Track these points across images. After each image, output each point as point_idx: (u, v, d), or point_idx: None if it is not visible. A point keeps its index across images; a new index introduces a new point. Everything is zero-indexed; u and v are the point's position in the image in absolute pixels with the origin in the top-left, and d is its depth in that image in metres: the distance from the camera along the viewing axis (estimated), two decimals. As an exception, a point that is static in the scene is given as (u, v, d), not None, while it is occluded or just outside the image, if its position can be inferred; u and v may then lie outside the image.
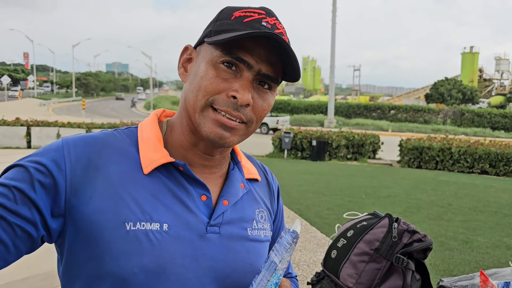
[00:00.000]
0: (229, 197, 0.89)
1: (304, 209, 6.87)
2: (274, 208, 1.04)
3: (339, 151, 14.32)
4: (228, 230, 0.87)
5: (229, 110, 0.80)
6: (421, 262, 1.22)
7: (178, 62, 0.90)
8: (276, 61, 0.81)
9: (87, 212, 0.77)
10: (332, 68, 30.86)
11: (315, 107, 41.52)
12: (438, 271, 4.40)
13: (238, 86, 0.79)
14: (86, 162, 0.79)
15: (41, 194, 0.74)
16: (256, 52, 0.79)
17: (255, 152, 14.97)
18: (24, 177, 0.75)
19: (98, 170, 0.79)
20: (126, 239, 0.76)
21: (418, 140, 13.79)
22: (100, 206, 0.77)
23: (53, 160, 0.77)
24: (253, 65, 0.79)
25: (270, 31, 0.76)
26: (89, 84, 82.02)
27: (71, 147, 0.80)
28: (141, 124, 0.91)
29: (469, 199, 8.24)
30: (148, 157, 0.83)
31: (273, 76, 0.82)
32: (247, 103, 0.79)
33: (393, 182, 9.90)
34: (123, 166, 0.81)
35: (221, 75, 0.80)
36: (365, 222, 1.24)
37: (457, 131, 31.04)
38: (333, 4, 30.21)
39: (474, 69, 71.54)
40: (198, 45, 0.87)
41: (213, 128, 0.80)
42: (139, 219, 0.78)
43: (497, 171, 12.33)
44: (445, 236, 5.66)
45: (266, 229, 0.96)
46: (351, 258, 1.18)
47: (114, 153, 0.83)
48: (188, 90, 0.83)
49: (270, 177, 1.07)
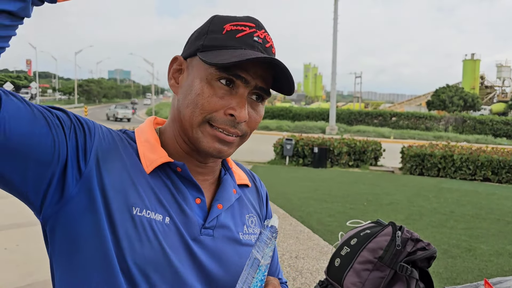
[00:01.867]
0: (223, 201, 0.91)
1: (306, 216, 6.86)
2: (263, 213, 1.06)
3: (341, 158, 14.30)
4: (221, 233, 0.89)
5: (226, 128, 0.82)
6: (425, 270, 1.21)
7: (167, 72, 0.91)
8: (269, 74, 0.84)
9: (103, 186, 0.78)
10: (334, 75, 30.92)
11: (317, 114, 41.52)
12: (441, 279, 4.38)
13: (235, 104, 0.81)
14: (109, 144, 0.83)
15: (73, 142, 0.77)
16: (252, 68, 0.81)
17: (256, 159, 14.96)
18: (65, 118, 0.77)
19: (117, 154, 0.83)
20: (131, 223, 0.78)
21: (420, 147, 13.77)
22: (115, 185, 0.79)
23: (88, 125, 0.81)
24: (249, 81, 0.82)
25: (270, 56, 0.79)
26: (91, 90, 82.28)
27: (101, 127, 0.85)
28: (137, 129, 0.93)
29: (471, 206, 8.21)
30: (148, 157, 0.86)
31: (267, 88, 0.85)
32: (244, 120, 0.82)
33: (395, 189, 9.88)
34: (133, 160, 0.84)
35: (217, 93, 0.81)
36: (369, 230, 1.24)
37: (459, 138, 30.97)
38: (334, 12, 30.34)
39: (476, 76, 71.54)
40: (188, 56, 0.87)
41: (211, 143, 0.83)
42: (146, 207, 0.80)
43: (499, 178, 12.29)
44: (447, 244, 5.64)
45: (256, 234, 0.98)
46: (354, 267, 1.18)
47: (126, 148, 0.86)
48: (182, 105, 0.85)
49: (258, 183, 1.10)
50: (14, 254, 4.44)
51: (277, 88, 0.87)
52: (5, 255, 4.49)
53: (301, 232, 5.85)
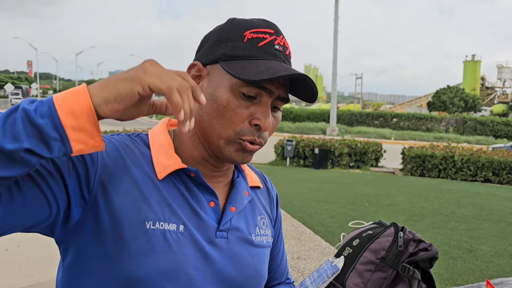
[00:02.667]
0: (236, 204, 0.92)
1: (307, 217, 6.86)
2: (274, 215, 1.08)
3: (342, 159, 14.29)
4: (235, 236, 0.90)
5: (254, 138, 0.84)
6: (427, 271, 1.22)
7: None
8: (288, 84, 0.86)
9: (112, 208, 0.78)
10: (334, 76, 30.92)
11: (317, 115, 41.52)
12: (442, 280, 4.38)
13: (260, 114, 0.82)
14: (115, 162, 0.82)
15: (74, 177, 0.75)
16: (276, 80, 0.82)
17: (257, 160, 14.95)
18: (63, 157, 0.74)
19: (125, 170, 0.82)
20: (145, 238, 0.78)
21: (421, 148, 13.76)
22: (124, 204, 0.79)
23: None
24: (274, 91, 0.83)
25: (300, 73, 0.80)
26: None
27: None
28: (151, 131, 0.93)
29: (472, 207, 8.21)
30: (162, 163, 0.85)
31: (287, 97, 0.87)
32: (268, 129, 0.83)
33: (395, 191, 9.87)
34: (143, 170, 0.84)
35: (243, 105, 0.82)
36: (371, 231, 1.24)
37: (460, 139, 30.96)
38: (335, 13, 30.35)
39: (476, 77, 71.53)
40: (208, 63, 0.86)
41: (237, 153, 0.85)
42: (159, 219, 0.80)
43: (500, 179, 12.28)
44: (448, 245, 5.63)
45: (268, 235, 0.99)
46: (357, 267, 1.18)
47: (136, 157, 0.85)
48: (207, 113, 0.84)
49: (269, 185, 1.11)
50: (15, 255, 4.44)
51: (299, 95, 0.88)
52: (6, 256, 4.49)
53: (302, 233, 5.85)
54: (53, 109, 0.60)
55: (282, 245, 1.13)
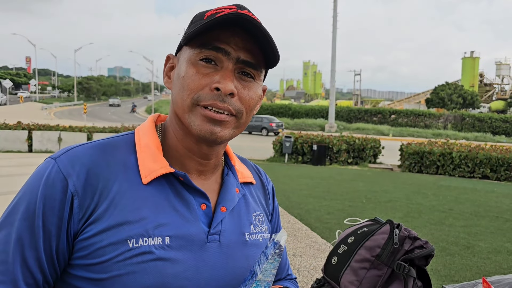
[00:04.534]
0: (226, 203, 0.89)
1: (305, 213, 6.85)
2: (270, 209, 1.04)
3: (340, 155, 14.30)
4: (227, 237, 0.87)
5: (215, 103, 0.79)
6: (422, 268, 1.20)
7: (162, 72, 0.90)
8: (255, 49, 0.81)
9: (93, 238, 0.76)
10: (333, 72, 30.91)
11: (316, 112, 41.52)
12: (440, 277, 4.38)
13: (220, 77, 0.79)
14: (87, 190, 0.78)
15: (48, 233, 0.76)
16: (232, 40, 0.79)
17: (256, 156, 14.95)
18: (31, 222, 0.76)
19: (100, 195, 0.78)
20: (129, 258, 0.75)
21: (419, 145, 13.78)
22: (104, 229, 0.76)
23: (60, 191, 0.77)
24: (230, 52, 0.79)
25: (236, 12, 0.76)
26: (91, 88, 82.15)
27: (72, 174, 0.78)
28: (138, 129, 0.89)
29: (470, 204, 8.22)
30: (148, 166, 0.82)
31: (254, 62, 0.81)
32: (231, 92, 0.79)
33: (393, 187, 9.88)
34: (123, 183, 0.80)
35: (201, 71, 0.80)
36: (366, 228, 1.23)
37: (458, 136, 31.01)
38: (333, 9, 30.30)
39: (475, 74, 71.57)
40: (178, 51, 0.87)
41: (203, 125, 0.80)
42: (141, 235, 0.77)
43: (498, 176, 12.31)
44: (446, 241, 5.64)
45: (264, 232, 0.96)
46: (352, 265, 1.17)
47: (113, 170, 0.81)
48: (174, 94, 0.84)
49: (264, 178, 1.07)
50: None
51: (269, 61, 0.84)
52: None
53: (299, 230, 5.84)
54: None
55: None
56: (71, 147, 0.82)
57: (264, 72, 0.87)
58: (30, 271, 0.75)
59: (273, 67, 0.85)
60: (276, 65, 0.85)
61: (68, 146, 0.83)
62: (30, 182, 0.78)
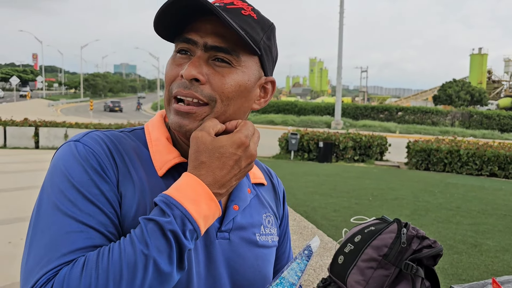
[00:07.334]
0: (239, 201, 0.88)
1: (311, 211, 6.83)
2: (280, 213, 1.02)
3: (346, 152, 14.25)
4: (238, 236, 0.85)
5: (179, 90, 0.78)
6: (430, 268, 1.18)
7: None
8: (228, 33, 0.77)
9: (122, 203, 0.77)
10: (339, 69, 30.77)
11: (322, 109, 41.39)
12: (447, 275, 4.35)
13: (187, 65, 0.77)
14: (114, 164, 0.79)
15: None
16: (202, 28, 0.78)
17: (262, 153, 14.94)
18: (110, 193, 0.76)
19: (127, 176, 0.79)
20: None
21: (426, 142, 13.68)
22: (128, 210, 0.76)
23: (105, 169, 0.77)
24: (197, 40, 0.78)
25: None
26: (97, 85, 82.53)
27: (99, 148, 0.78)
28: (147, 125, 0.89)
29: (477, 202, 8.15)
30: (161, 158, 0.82)
31: (225, 46, 0.77)
32: (191, 77, 0.76)
33: (400, 185, 9.82)
34: (141, 172, 0.80)
35: (176, 62, 0.80)
36: (373, 227, 1.21)
37: (466, 133, 30.78)
38: (340, 6, 30.13)
39: (483, 70, 70.96)
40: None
41: (174, 119, 0.79)
42: None
43: (506, 173, 12.19)
44: (453, 240, 5.60)
45: (273, 234, 0.95)
46: (358, 264, 1.15)
47: (131, 156, 0.81)
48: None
49: (275, 181, 1.05)
50: (18, 248, 4.44)
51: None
52: (10, 248, 4.51)
53: (305, 227, 5.82)
54: (198, 230, 0.70)
55: (288, 245, 1.07)
56: (89, 131, 0.82)
57: (259, 60, 0.82)
58: (108, 217, 0.74)
59: (256, 51, 0.79)
60: (258, 48, 0.79)
61: (84, 131, 0.83)
62: (57, 164, 0.76)
